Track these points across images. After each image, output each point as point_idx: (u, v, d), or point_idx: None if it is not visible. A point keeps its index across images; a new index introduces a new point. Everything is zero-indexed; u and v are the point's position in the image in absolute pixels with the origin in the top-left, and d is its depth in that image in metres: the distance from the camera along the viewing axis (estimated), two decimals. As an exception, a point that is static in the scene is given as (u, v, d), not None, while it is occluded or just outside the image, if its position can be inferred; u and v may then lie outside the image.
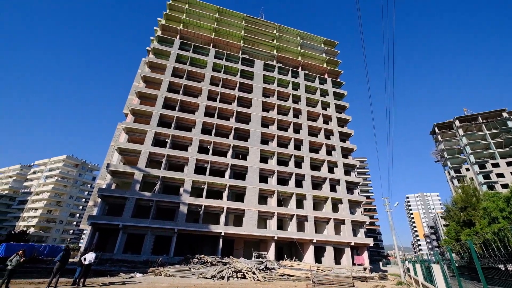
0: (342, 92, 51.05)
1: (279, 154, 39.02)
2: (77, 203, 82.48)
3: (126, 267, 21.28)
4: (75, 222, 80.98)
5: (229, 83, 43.31)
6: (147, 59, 40.66)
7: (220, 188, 34.16)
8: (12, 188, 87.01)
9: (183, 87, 39.24)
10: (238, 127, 38.64)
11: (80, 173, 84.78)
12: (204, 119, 37.22)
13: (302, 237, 33.09)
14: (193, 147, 34.72)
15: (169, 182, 32.86)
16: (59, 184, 78.68)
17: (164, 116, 35.89)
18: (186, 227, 29.45)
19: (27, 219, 74.38)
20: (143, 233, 28.38)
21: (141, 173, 30.75)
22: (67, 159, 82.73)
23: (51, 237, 72.26)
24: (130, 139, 34.68)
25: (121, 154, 33.04)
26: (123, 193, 29.58)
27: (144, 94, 37.09)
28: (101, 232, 29.34)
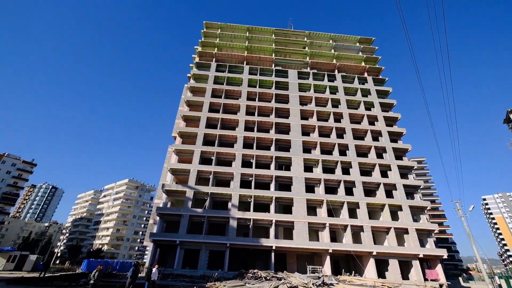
0: (386, 89, 47.43)
1: (324, 162, 37.48)
2: (139, 221, 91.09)
3: (186, 282, 22.29)
4: (139, 240, 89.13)
5: (265, 96, 44.07)
6: (189, 84, 44.18)
7: (266, 201, 34.07)
8: (89, 211, 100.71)
9: (223, 106, 41.26)
10: (278, 138, 38.62)
11: (140, 194, 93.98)
12: (244, 134, 38.23)
13: (360, 249, 30.50)
14: (237, 162, 35.69)
15: (217, 198, 34.09)
16: (124, 205, 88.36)
17: (207, 135, 38.00)
18: (238, 241, 29.84)
19: (101, 238, 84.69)
20: (198, 248, 29.63)
21: (192, 190, 32.62)
22: (129, 182, 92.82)
23: (121, 253, 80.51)
24: (180, 160, 37.44)
25: (173, 174, 35.72)
26: (178, 211, 31.64)
27: (189, 117, 40.05)
28: (161, 248, 31.59)
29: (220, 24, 53.23)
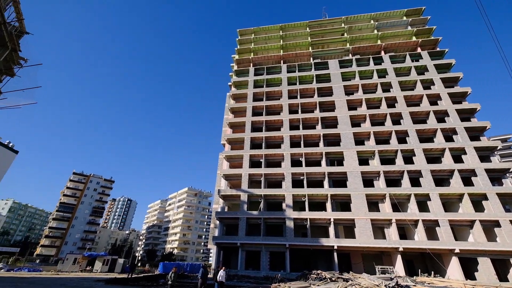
0: (447, 62, 41.21)
1: (381, 152, 34.44)
2: (201, 226, 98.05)
3: (251, 283, 22.98)
4: (203, 243, 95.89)
5: (307, 91, 42.91)
6: (231, 92, 45.99)
7: (321, 199, 32.92)
8: (159, 219, 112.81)
9: (265, 108, 41.68)
10: (326, 133, 37.07)
11: (199, 200, 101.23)
12: (290, 133, 37.84)
13: (437, 247, 26.90)
14: (286, 162, 35.49)
15: (270, 199, 34.39)
16: (186, 211, 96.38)
17: (254, 139, 38.81)
18: (296, 242, 29.53)
19: (171, 242, 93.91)
20: (258, 250, 30.29)
21: (245, 194, 33.64)
22: (189, 191, 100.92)
23: (189, 256, 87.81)
24: (231, 165, 39.10)
25: (227, 179, 37.47)
26: (235, 214, 32.99)
27: (234, 123, 41.63)
28: (224, 250, 33.30)
29: (253, 29, 54.14)
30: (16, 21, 27.94)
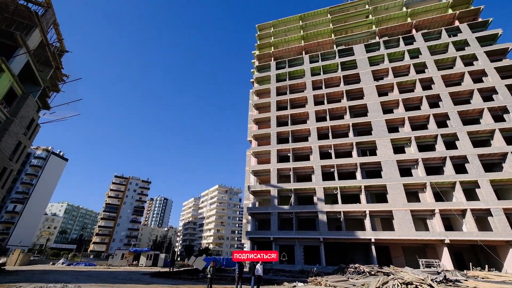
0: (492, 33, 36.69)
1: (418, 139, 32.06)
2: (234, 222, 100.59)
3: (286, 276, 23.11)
4: (236, 238, 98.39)
5: (332, 81, 41.34)
6: (253, 89, 46.08)
7: (355, 191, 31.75)
8: (193, 216, 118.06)
9: (289, 102, 41.08)
10: (355, 123, 35.49)
11: (230, 197, 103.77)
12: (317, 125, 36.89)
13: (490, 238, 24.47)
14: (314, 154, 34.75)
15: (301, 193, 34.03)
16: (219, 208, 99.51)
17: (280, 133, 38.56)
18: (330, 236, 28.96)
19: (206, 238, 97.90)
20: (292, 244, 30.28)
21: (275, 188, 33.69)
22: (219, 188, 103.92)
23: (224, 250, 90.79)
24: (259, 161, 39.37)
25: (255, 175, 37.85)
26: (266, 209, 33.26)
27: (259, 119, 41.73)
28: (258, 244, 33.82)
29: (272, 22, 53.36)
30: (57, 42, 30.74)
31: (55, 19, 27.69)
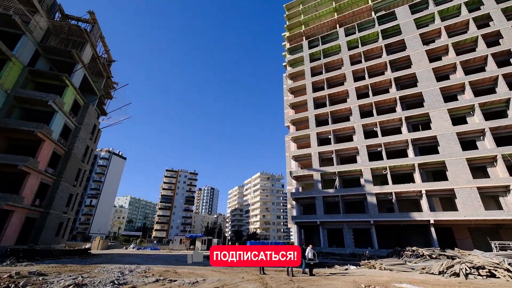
0: None
1: (483, 105, 27.69)
2: (278, 207, 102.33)
3: (337, 260, 22.87)
4: (282, 222, 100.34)
5: (372, 52, 37.77)
6: (287, 72, 44.82)
7: (407, 170, 29.28)
8: (239, 203, 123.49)
9: (326, 81, 38.99)
10: (403, 95, 32.15)
11: (272, 183, 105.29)
12: (358, 103, 34.48)
13: None
14: (358, 134, 32.78)
15: (346, 176, 32.72)
16: (262, 195, 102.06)
17: (318, 115, 37.14)
18: (382, 218, 27.49)
19: (253, 223, 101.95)
20: (340, 227, 29.66)
21: (318, 172, 32.99)
22: (261, 175, 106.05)
23: (271, 235, 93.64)
24: (298, 146, 38.80)
25: (296, 160, 37.51)
26: (310, 194, 32.94)
27: (295, 103, 40.69)
28: (304, 228, 34.02)
29: (300, -1, 50.37)
30: (105, 53, 33.97)
31: (101, 33, 30.53)
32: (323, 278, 12.14)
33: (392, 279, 11.82)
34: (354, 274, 13.97)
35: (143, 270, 13.02)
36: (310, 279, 11.54)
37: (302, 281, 10.83)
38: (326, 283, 10.52)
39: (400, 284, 10.23)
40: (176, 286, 8.89)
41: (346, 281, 11.09)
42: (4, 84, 20.45)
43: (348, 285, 10.01)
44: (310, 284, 10.10)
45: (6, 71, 20.53)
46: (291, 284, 10.15)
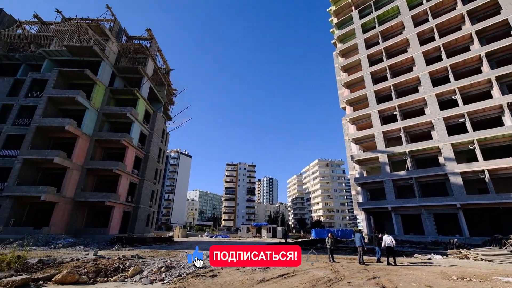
0: None
1: None
2: (341, 194, 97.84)
3: (416, 248, 20.60)
4: (347, 210, 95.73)
5: (442, 6, 31.61)
6: (337, 50, 41.50)
7: (503, 142, 23.94)
8: (299, 191, 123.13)
9: (384, 52, 34.58)
10: (491, 51, 26.02)
11: (332, 170, 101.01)
12: (428, 69, 29.55)
13: None
14: (431, 106, 28.25)
15: (419, 155, 28.77)
16: (322, 182, 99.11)
17: (379, 91, 33.44)
18: (472, 201, 23.30)
19: (316, 211, 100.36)
20: (416, 213, 26.49)
21: (384, 154, 29.96)
22: (319, 162, 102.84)
23: (336, 222, 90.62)
24: (358, 128, 35.86)
25: (357, 143, 34.82)
26: (377, 178, 30.25)
27: (350, 82, 37.50)
28: (373, 215, 31.63)
29: (345, -35, 45.39)
30: (163, 64, 37.69)
31: (158, 47, 33.95)
32: (403, 268, 11.09)
33: (494, 272, 9.96)
34: (441, 264, 12.33)
35: (218, 255, 14.29)
36: (387, 269, 10.70)
37: (377, 270, 10.12)
38: (407, 273, 9.57)
39: (508, 277, 8.52)
40: (249, 271, 9.44)
41: (432, 272, 9.87)
42: (94, 104, 24.94)
43: (435, 276, 8.88)
44: (388, 274, 9.35)
45: (95, 93, 24.95)
46: (365, 273, 9.60)
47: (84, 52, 25.21)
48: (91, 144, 24.45)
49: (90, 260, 9.79)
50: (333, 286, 7.26)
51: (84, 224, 23.76)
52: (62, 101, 23.52)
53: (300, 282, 7.71)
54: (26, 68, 26.84)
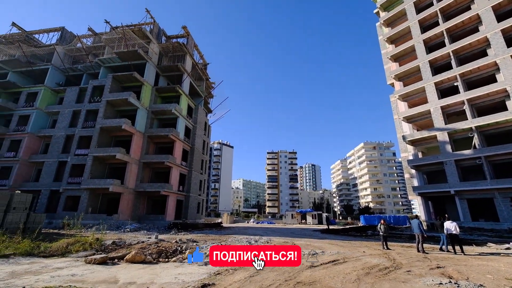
0: None
1: None
2: (392, 178, 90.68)
3: (488, 236, 18.05)
4: (399, 195, 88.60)
5: None
6: (381, 20, 37.34)
7: None
8: (344, 177, 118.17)
9: (440, 13, 29.88)
10: None
11: (381, 153, 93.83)
12: (500, 27, 24.71)
13: None
14: (505, 71, 23.74)
15: (489, 130, 24.69)
16: (370, 166, 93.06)
17: (434, 61, 29.31)
18: None
19: (363, 197, 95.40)
20: (488, 197, 23.08)
21: (444, 132, 26.47)
22: (365, 145, 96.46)
23: (387, 208, 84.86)
24: (410, 104, 32.26)
25: (409, 122, 31.45)
26: (435, 159, 27.02)
27: (398, 54, 33.63)
28: (432, 200, 28.62)
29: None
30: (200, 59, 38.91)
31: (194, 42, 35.07)
32: (473, 258, 9.80)
33: None
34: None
35: (265, 240, 14.64)
36: (453, 258, 9.59)
37: (441, 260, 9.14)
38: (479, 264, 8.43)
39: None
40: (297, 256, 9.44)
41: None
42: (144, 103, 27.26)
43: (517, 268, 7.62)
44: (455, 264, 8.36)
45: (143, 93, 27.21)
46: (427, 262, 8.76)
47: (130, 56, 27.48)
48: (144, 140, 27.00)
49: (153, 243, 10.94)
50: (390, 275, 6.78)
51: (145, 212, 26.72)
52: (117, 103, 26.25)
53: (352, 269, 7.39)
54: (87, 77, 30.53)
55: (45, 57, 31.55)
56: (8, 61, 29.81)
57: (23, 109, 28.55)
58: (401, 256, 9.73)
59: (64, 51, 31.96)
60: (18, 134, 27.38)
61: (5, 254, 8.43)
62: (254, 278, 6.21)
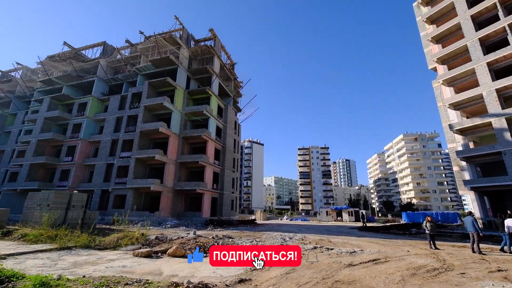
0: None
1: None
2: (437, 171, 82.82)
3: None
4: (447, 190, 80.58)
5: None
6: (419, -1, 34.02)
7: None
8: (382, 172, 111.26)
9: (493, -18, 26.15)
10: None
11: (423, 144, 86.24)
12: None
13: None
14: None
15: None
16: (411, 159, 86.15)
17: (486, 38, 25.89)
18: None
19: (405, 193, 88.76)
20: (561, 191, 19.77)
21: (501, 117, 23.30)
22: (405, 137, 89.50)
23: (433, 205, 77.78)
24: (456, 90, 29.00)
25: (456, 109, 28.30)
26: (491, 148, 23.93)
27: (441, 34, 30.40)
28: (488, 195, 25.47)
29: None
30: (227, 59, 39.63)
31: (221, 44, 35.82)
32: (544, 260, 8.51)
33: None
34: None
35: (300, 238, 14.47)
36: (517, 260, 8.43)
37: (503, 262, 8.11)
38: (552, 267, 7.27)
39: None
40: (335, 255, 9.14)
41: None
42: (177, 106, 28.72)
43: None
44: (521, 267, 7.33)
45: (176, 97, 28.68)
46: (484, 264, 7.84)
47: (163, 63, 29.12)
48: (179, 141, 28.51)
49: (191, 238, 11.52)
50: (439, 276, 6.20)
51: (183, 209, 28.25)
52: (154, 107, 28.05)
53: (395, 269, 6.92)
54: (127, 85, 33.16)
55: (91, 70, 34.99)
56: (63, 76, 33.84)
57: (76, 118, 32.13)
58: (452, 257, 8.85)
59: (106, 63, 35.08)
60: (73, 140, 30.94)
61: (68, 246, 9.62)
62: (290, 275, 6.16)
